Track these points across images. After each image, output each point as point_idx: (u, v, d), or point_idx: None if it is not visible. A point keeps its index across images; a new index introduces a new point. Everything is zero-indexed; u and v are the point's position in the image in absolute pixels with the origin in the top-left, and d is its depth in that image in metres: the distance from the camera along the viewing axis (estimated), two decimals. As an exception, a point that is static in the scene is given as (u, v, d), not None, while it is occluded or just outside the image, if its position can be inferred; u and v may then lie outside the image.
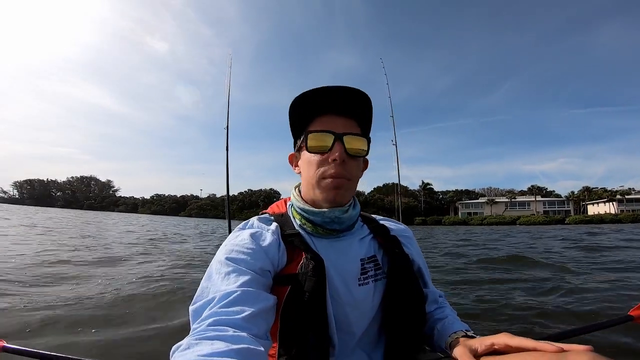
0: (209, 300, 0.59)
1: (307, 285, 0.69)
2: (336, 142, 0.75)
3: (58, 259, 5.44)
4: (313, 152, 0.78)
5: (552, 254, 7.49)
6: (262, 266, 0.68)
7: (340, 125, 0.78)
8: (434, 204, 74.11)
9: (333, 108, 0.78)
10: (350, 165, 0.77)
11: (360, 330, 0.77)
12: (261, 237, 0.75)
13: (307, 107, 0.79)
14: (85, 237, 10.51)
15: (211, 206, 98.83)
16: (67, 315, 2.65)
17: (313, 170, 0.78)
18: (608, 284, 3.96)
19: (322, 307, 0.70)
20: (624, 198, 53.04)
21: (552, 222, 46.06)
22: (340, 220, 0.79)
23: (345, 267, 0.77)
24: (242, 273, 0.64)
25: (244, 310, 0.56)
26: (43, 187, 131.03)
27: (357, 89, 0.77)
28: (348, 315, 0.74)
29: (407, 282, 0.79)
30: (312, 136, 0.77)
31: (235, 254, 0.69)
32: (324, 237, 0.81)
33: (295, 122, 0.82)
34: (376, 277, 0.80)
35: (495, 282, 4.30)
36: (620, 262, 5.93)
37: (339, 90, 0.76)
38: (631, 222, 39.43)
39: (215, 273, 0.66)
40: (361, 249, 0.82)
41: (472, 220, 55.75)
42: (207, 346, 0.48)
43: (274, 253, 0.73)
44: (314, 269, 0.70)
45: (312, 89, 0.76)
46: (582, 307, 2.93)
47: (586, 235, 14.67)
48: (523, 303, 3.13)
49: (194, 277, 4.36)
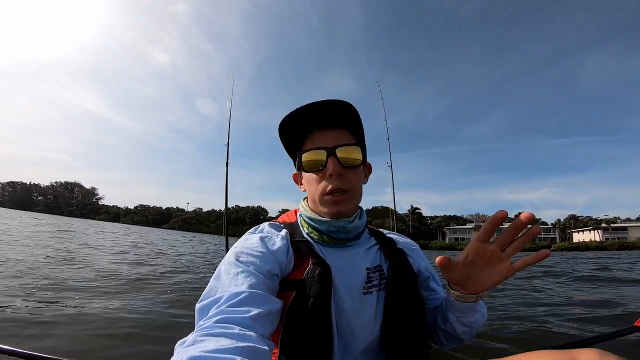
0: (216, 299, 0.59)
1: (312, 290, 0.70)
2: (329, 157, 0.77)
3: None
4: (309, 171, 0.80)
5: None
6: (271, 269, 0.69)
7: (331, 138, 0.79)
8: (422, 229, 74.03)
9: (320, 123, 0.79)
10: (348, 176, 0.78)
11: (362, 340, 0.76)
12: (271, 241, 0.76)
13: (296, 127, 0.80)
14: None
15: (196, 220, 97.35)
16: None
17: (314, 188, 0.80)
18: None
19: (327, 313, 0.71)
20: (609, 226, 53.34)
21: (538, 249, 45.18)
22: (346, 230, 0.79)
23: (351, 276, 0.77)
24: (250, 275, 0.65)
25: (251, 311, 0.57)
26: (25, 191, 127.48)
27: (339, 100, 0.77)
28: (351, 324, 0.75)
29: (408, 292, 0.80)
30: (305, 155, 0.80)
31: (245, 256, 0.70)
32: (331, 245, 0.81)
33: (288, 143, 0.85)
34: (380, 287, 0.80)
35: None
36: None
37: (323, 104, 0.77)
38: (617, 249, 38.98)
39: (224, 273, 0.66)
40: (367, 258, 0.82)
41: (459, 245, 55.09)
42: (213, 343, 0.47)
43: (282, 257, 0.74)
44: (320, 275, 0.71)
45: (295, 110, 0.77)
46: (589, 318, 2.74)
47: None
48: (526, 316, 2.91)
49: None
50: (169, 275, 4.79)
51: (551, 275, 6.34)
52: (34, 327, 2.09)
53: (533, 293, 4.13)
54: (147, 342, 1.96)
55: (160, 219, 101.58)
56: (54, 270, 4.21)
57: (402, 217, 74.23)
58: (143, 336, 2.07)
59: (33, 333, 1.99)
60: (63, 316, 2.34)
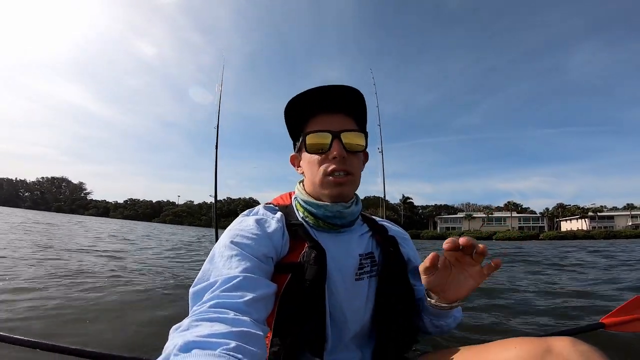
0: (210, 284, 0.59)
1: (308, 273, 0.71)
2: (334, 140, 0.78)
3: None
4: (312, 152, 0.80)
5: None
6: (266, 252, 0.70)
7: (336, 123, 0.80)
8: (414, 218, 74.48)
9: (328, 107, 0.80)
10: (351, 160, 0.80)
11: (354, 325, 0.78)
12: (266, 224, 0.76)
13: (302, 108, 0.81)
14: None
15: (187, 213, 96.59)
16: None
17: (315, 170, 0.80)
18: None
19: (321, 297, 0.72)
20: (596, 215, 54.21)
21: (527, 238, 46.26)
22: (342, 215, 0.81)
23: (344, 261, 0.79)
24: (245, 258, 0.65)
25: (245, 295, 0.57)
26: (11, 187, 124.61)
27: (349, 87, 0.79)
28: (343, 309, 0.76)
29: (399, 280, 0.82)
30: (310, 137, 0.80)
31: (240, 238, 0.70)
32: (325, 230, 0.82)
33: (292, 124, 0.85)
34: (371, 273, 0.82)
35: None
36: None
37: (332, 88, 0.78)
38: (604, 238, 39.61)
39: (218, 256, 0.66)
40: (360, 244, 0.84)
41: (450, 234, 55.52)
42: (207, 328, 0.47)
43: (278, 240, 0.74)
44: (316, 258, 0.72)
45: (306, 90, 0.78)
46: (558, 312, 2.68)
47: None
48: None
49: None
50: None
51: (532, 263, 6.29)
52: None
53: (515, 282, 4.06)
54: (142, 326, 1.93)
55: (150, 213, 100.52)
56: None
57: (394, 206, 74.67)
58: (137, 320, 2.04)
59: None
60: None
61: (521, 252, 10.87)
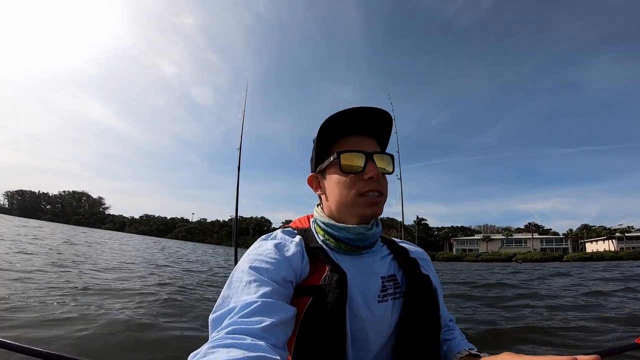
0: (229, 310, 0.59)
1: (329, 297, 0.69)
2: (368, 161, 0.77)
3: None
4: (346, 172, 0.78)
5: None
6: (285, 276, 0.68)
7: (368, 144, 0.79)
8: (428, 240, 72.56)
9: (360, 129, 0.80)
10: (382, 182, 0.79)
11: (376, 349, 0.75)
12: (285, 248, 0.75)
13: (337, 128, 0.79)
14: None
15: (200, 230, 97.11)
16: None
17: (347, 190, 0.78)
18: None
19: (342, 320, 0.69)
20: (624, 236, 51.21)
21: (550, 260, 43.84)
22: (365, 237, 0.79)
23: (366, 284, 0.77)
24: (263, 283, 0.64)
25: (263, 321, 0.57)
26: (33, 199, 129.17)
27: (383, 110, 0.78)
28: (366, 332, 0.74)
29: (425, 302, 0.79)
30: (344, 156, 0.78)
31: (258, 263, 0.69)
32: (346, 253, 0.81)
33: (323, 143, 0.83)
34: (395, 295, 0.79)
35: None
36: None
37: (367, 110, 0.77)
38: (632, 259, 37.16)
39: (237, 281, 0.66)
40: (382, 267, 0.82)
41: (467, 256, 53.41)
42: (224, 353, 0.48)
43: (298, 263, 0.73)
44: (337, 281, 0.70)
45: (342, 110, 0.76)
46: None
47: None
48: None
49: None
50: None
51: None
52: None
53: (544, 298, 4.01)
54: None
55: (164, 229, 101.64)
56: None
57: (408, 228, 72.90)
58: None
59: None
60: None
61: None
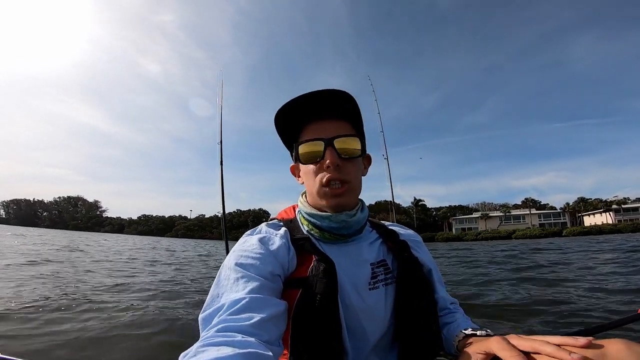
0: (218, 308, 0.59)
1: (318, 287, 0.67)
2: (327, 147, 0.74)
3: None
4: (307, 162, 0.77)
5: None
6: (272, 270, 0.68)
7: (330, 129, 0.76)
8: (427, 221, 72.78)
9: (318, 114, 0.77)
10: (347, 167, 0.76)
11: (374, 337, 0.74)
12: (270, 242, 0.74)
13: (292, 118, 0.78)
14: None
15: (198, 227, 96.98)
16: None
17: (312, 180, 0.77)
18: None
19: (335, 311, 0.68)
20: (620, 208, 51.61)
21: (549, 235, 44.22)
22: (348, 225, 0.77)
23: (356, 272, 0.76)
24: (251, 279, 0.64)
25: (253, 317, 0.56)
26: (29, 207, 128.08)
27: (338, 90, 0.74)
28: (361, 322, 0.73)
29: (417, 285, 0.78)
30: (302, 147, 0.77)
31: (244, 259, 0.68)
32: (333, 242, 0.79)
33: (285, 134, 0.82)
34: (386, 281, 0.78)
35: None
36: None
37: (319, 94, 0.74)
38: (631, 231, 37.48)
39: (225, 279, 0.65)
40: (370, 253, 0.81)
41: (467, 235, 53.64)
42: (214, 352, 0.47)
43: (284, 256, 0.72)
44: (325, 271, 0.69)
45: (291, 100, 0.74)
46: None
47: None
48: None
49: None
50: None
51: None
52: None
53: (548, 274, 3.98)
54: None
55: (164, 228, 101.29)
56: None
57: (406, 210, 72.96)
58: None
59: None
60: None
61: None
